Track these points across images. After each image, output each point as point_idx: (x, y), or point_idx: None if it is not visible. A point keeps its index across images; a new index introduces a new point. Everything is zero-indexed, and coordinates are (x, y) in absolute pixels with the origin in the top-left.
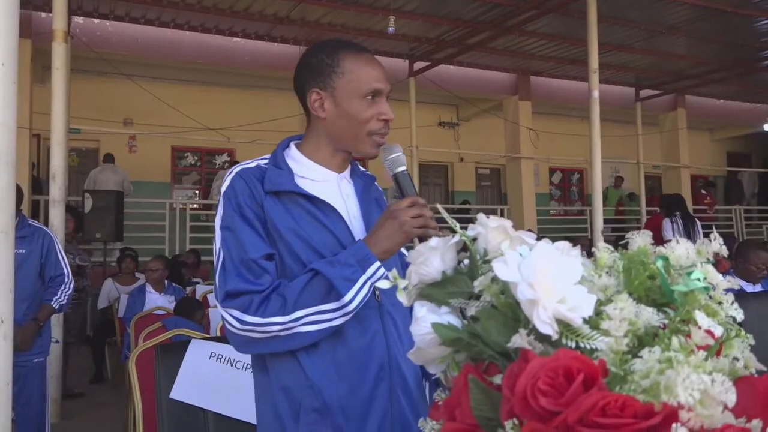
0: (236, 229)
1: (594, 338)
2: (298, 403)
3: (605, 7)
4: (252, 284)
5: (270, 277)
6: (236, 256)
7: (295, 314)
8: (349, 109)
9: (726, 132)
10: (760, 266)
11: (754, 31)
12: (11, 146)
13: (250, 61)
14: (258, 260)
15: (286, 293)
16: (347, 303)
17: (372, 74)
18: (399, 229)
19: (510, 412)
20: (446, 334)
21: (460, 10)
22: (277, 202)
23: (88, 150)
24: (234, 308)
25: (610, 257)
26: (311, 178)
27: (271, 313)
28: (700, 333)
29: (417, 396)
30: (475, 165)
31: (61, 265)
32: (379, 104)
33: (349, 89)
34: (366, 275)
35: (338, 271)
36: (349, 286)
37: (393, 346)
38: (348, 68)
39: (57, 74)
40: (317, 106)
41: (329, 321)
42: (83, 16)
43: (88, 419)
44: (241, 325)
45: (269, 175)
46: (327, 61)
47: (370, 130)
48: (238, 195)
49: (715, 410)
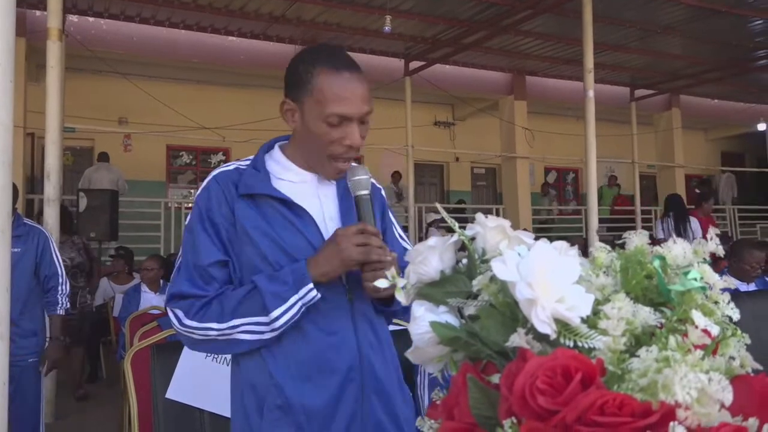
0: (196, 233)
1: (592, 337)
2: (263, 399)
3: (600, 7)
4: (199, 289)
5: (217, 284)
6: (190, 260)
7: (231, 322)
8: (312, 129)
9: (720, 132)
10: (754, 265)
11: (749, 31)
12: (8, 145)
13: (245, 60)
14: (207, 267)
15: (225, 302)
16: (274, 319)
17: (343, 98)
18: (338, 254)
19: (508, 411)
20: (444, 333)
21: (455, 10)
22: (250, 205)
23: (83, 149)
24: (178, 309)
25: (608, 257)
26: (289, 180)
27: (208, 319)
28: (696, 332)
29: (396, 399)
30: (470, 164)
31: (55, 264)
32: (344, 128)
33: (314, 110)
34: (298, 295)
35: (273, 287)
36: (278, 304)
37: (366, 347)
38: (319, 87)
39: (52, 73)
40: (288, 116)
41: (260, 334)
42: (78, 14)
43: (83, 419)
44: (182, 327)
45: (245, 178)
46: (303, 74)
47: (331, 153)
48: (211, 199)
49: (712, 409)
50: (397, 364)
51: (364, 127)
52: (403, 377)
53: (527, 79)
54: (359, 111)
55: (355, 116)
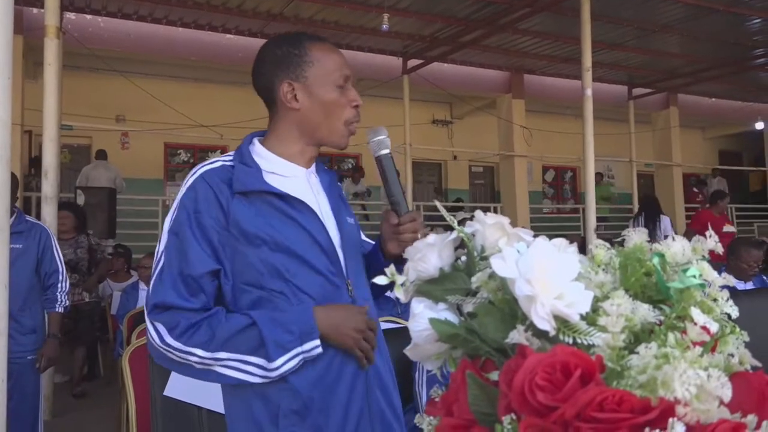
0: (184, 238)
1: (591, 334)
2: (277, 405)
3: (598, 6)
4: (185, 301)
5: (205, 297)
6: (176, 266)
7: (218, 354)
8: (325, 98)
9: (718, 130)
10: (751, 264)
11: (746, 30)
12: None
13: (243, 58)
14: (198, 277)
15: (218, 329)
16: (273, 369)
17: (339, 61)
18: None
19: (508, 408)
20: (444, 330)
21: (453, 8)
22: (245, 203)
23: (81, 146)
24: (160, 322)
25: (607, 254)
26: (281, 174)
27: (194, 344)
28: (695, 329)
29: (391, 389)
30: (468, 163)
31: (56, 261)
32: (348, 91)
33: (322, 78)
34: (302, 349)
35: (276, 334)
36: (280, 353)
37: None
38: (317, 57)
39: (49, 70)
40: (290, 97)
41: (248, 374)
42: (75, 12)
43: (81, 417)
44: (161, 344)
45: (237, 174)
46: (294, 51)
47: (347, 118)
48: (199, 200)
49: (711, 405)
50: (389, 359)
51: None
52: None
53: (525, 78)
54: (351, 72)
55: (352, 76)
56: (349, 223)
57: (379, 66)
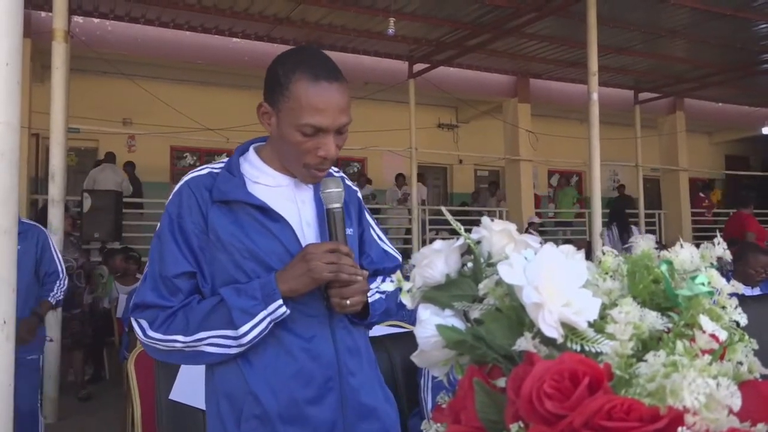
0: (164, 241)
1: (599, 342)
2: (240, 408)
3: (605, 10)
4: (164, 300)
5: (182, 295)
6: (156, 269)
7: (197, 335)
8: (287, 137)
9: (724, 135)
10: (759, 270)
11: (753, 35)
12: (15, 145)
13: (249, 62)
14: (173, 278)
15: (191, 315)
16: (242, 335)
17: (318, 109)
18: (307, 272)
19: (515, 415)
20: (450, 336)
21: (460, 12)
22: (224, 211)
23: (87, 149)
24: (142, 319)
25: (614, 261)
26: (265, 184)
27: (173, 331)
28: (704, 337)
29: (377, 403)
30: (474, 167)
31: (55, 262)
32: (319, 139)
33: (290, 117)
34: (267, 311)
35: (241, 301)
36: (246, 319)
37: (344, 355)
38: (296, 95)
39: (57, 74)
40: (264, 119)
41: (227, 347)
42: (83, 15)
43: (86, 420)
44: (146, 338)
45: (219, 183)
46: (281, 78)
47: (305, 163)
48: (182, 205)
49: (721, 414)
50: (376, 365)
51: (341, 138)
52: (383, 378)
53: (531, 82)
54: (334, 123)
55: (330, 128)
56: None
57: (385, 70)
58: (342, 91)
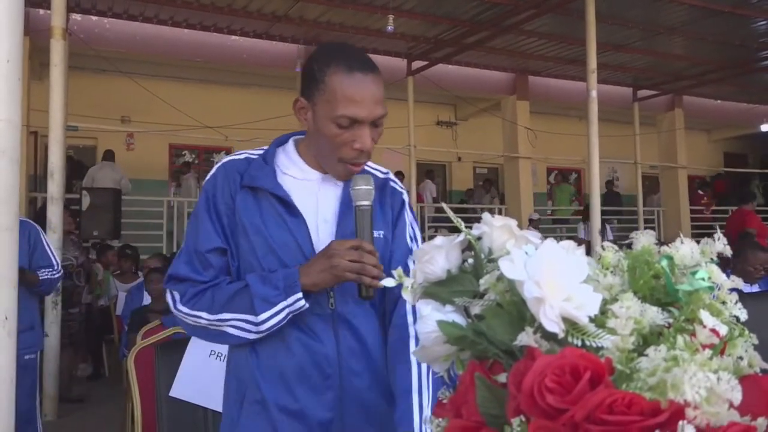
0: (199, 219)
1: (600, 337)
2: (243, 392)
3: (604, 7)
4: (196, 274)
5: (214, 271)
6: (191, 244)
7: (220, 315)
8: (323, 130)
9: (723, 132)
10: (758, 267)
11: (752, 32)
12: (16, 143)
13: (248, 59)
14: (205, 253)
15: (217, 294)
16: (260, 322)
17: (354, 100)
18: (329, 269)
19: (517, 410)
20: (451, 332)
21: (458, 10)
22: (250, 196)
23: (86, 147)
24: (175, 291)
25: (615, 256)
26: (293, 176)
27: (200, 308)
28: (705, 332)
29: (380, 406)
30: (472, 164)
31: (48, 256)
32: (355, 131)
33: (326, 110)
34: (287, 302)
35: (263, 290)
36: (266, 308)
37: (346, 354)
38: (331, 87)
39: (55, 71)
40: (301, 114)
41: (247, 332)
42: (81, 13)
43: (86, 417)
44: (176, 310)
45: (251, 169)
46: (316, 72)
47: (341, 156)
48: (216, 186)
49: (721, 408)
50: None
51: (377, 131)
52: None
53: (530, 79)
54: (370, 114)
55: (366, 119)
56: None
57: (384, 67)
58: (377, 82)
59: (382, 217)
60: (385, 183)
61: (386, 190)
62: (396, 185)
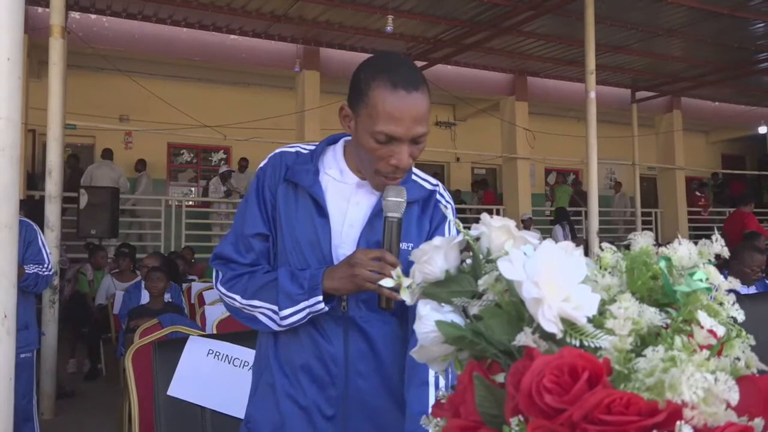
0: (249, 203)
1: (598, 337)
2: (260, 374)
3: (603, 9)
4: (238, 255)
5: (255, 255)
6: (238, 226)
7: (252, 302)
8: (363, 142)
9: (721, 134)
10: (754, 268)
11: (750, 34)
12: (15, 141)
13: (247, 59)
14: (248, 237)
15: (252, 281)
16: (283, 317)
17: (394, 117)
18: (350, 277)
19: (515, 410)
20: (450, 332)
21: (457, 10)
22: (290, 190)
23: (84, 146)
24: (217, 268)
25: (613, 257)
26: (332, 176)
27: (235, 291)
28: (702, 333)
29: (386, 411)
30: (471, 165)
31: (42, 255)
32: (393, 147)
33: (366, 123)
34: (308, 303)
35: (289, 287)
36: (289, 305)
37: (354, 357)
38: (373, 102)
39: (53, 70)
40: (345, 122)
41: (272, 321)
42: (80, 11)
43: (83, 416)
44: (216, 286)
45: (296, 163)
46: (362, 84)
47: (378, 169)
48: (266, 174)
49: (719, 408)
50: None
51: (417, 147)
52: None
53: (529, 80)
54: (409, 133)
55: (404, 138)
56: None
57: None
58: (421, 100)
59: (417, 229)
60: (431, 195)
61: (430, 202)
62: (443, 199)
